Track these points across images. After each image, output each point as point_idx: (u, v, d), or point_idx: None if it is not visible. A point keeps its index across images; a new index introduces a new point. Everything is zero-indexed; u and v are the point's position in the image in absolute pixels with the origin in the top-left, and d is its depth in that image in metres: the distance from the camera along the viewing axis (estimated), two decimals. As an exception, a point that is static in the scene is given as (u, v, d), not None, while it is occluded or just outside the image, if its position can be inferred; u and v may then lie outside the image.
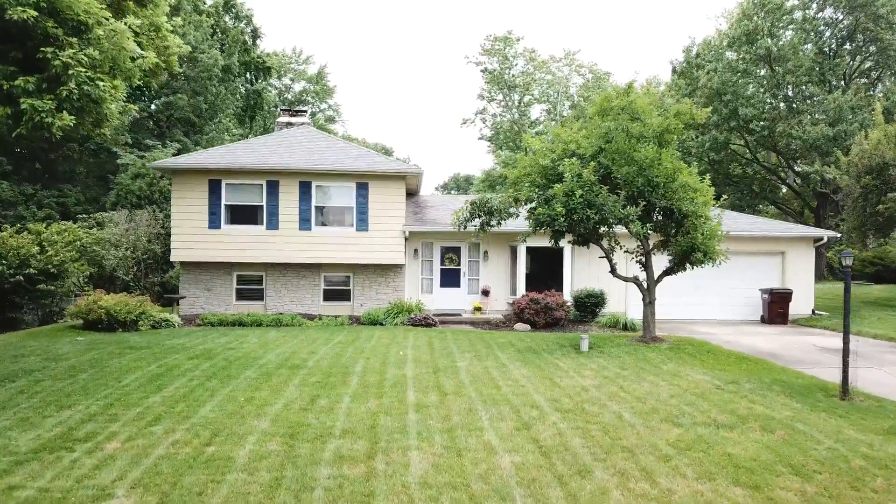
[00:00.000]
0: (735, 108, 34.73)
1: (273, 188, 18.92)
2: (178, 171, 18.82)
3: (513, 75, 54.13)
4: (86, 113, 10.03)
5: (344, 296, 19.84)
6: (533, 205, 13.39)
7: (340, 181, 19.00)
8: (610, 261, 14.62)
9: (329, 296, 19.79)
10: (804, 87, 34.38)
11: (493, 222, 13.48)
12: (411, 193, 22.53)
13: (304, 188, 18.96)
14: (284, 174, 18.86)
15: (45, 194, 31.11)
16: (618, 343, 14.11)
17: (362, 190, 19.02)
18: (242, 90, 41.23)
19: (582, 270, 20.07)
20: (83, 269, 20.29)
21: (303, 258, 18.99)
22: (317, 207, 19.08)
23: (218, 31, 38.54)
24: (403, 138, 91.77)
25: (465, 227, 13.66)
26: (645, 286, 14.44)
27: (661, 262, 15.87)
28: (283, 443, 7.14)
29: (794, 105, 35.37)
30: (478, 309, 19.47)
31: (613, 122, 13.74)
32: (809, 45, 35.41)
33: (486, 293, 19.78)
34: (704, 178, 13.60)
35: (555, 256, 20.00)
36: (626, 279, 14.62)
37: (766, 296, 19.74)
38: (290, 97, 55.54)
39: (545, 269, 20.28)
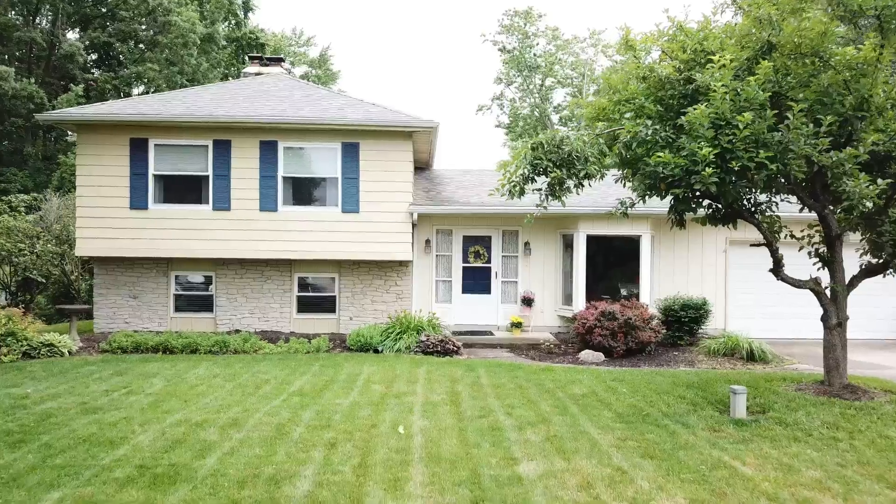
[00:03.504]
0: None
1: (223, 151, 12.78)
2: (84, 127, 12.68)
3: (534, 55, 47.87)
4: None
5: (326, 305, 13.67)
6: (637, 149, 7.10)
7: (320, 140, 12.83)
8: (774, 253, 8.34)
9: (305, 305, 13.63)
10: None
11: (571, 183, 7.24)
12: (422, 167, 16.35)
13: (268, 151, 12.81)
14: (239, 130, 12.72)
15: (-18, 179, 25.21)
16: (788, 398, 7.75)
17: (351, 153, 12.85)
18: (224, 66, 35.06)
19: (665, 269, 13.79)
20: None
21: (267, 251, 12.85)
22: (286, 179, 12.92)
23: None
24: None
25: (522, 193, 7.30)
26: (829, 295, 8.11)
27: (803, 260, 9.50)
28: None
29: None
30: (517, 325, 13.22)
31: (774, 7, 7.41)
32: None
33: (527, 302, 13.54)
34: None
35: (623, 250, 13.74)
36: (798, 284, 8.26)
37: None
38: (289, 81, 49.57)
39: (609, 268, 14.05)
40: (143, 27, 29.99)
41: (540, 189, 7.50)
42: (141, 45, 30.27)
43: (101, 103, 14.52)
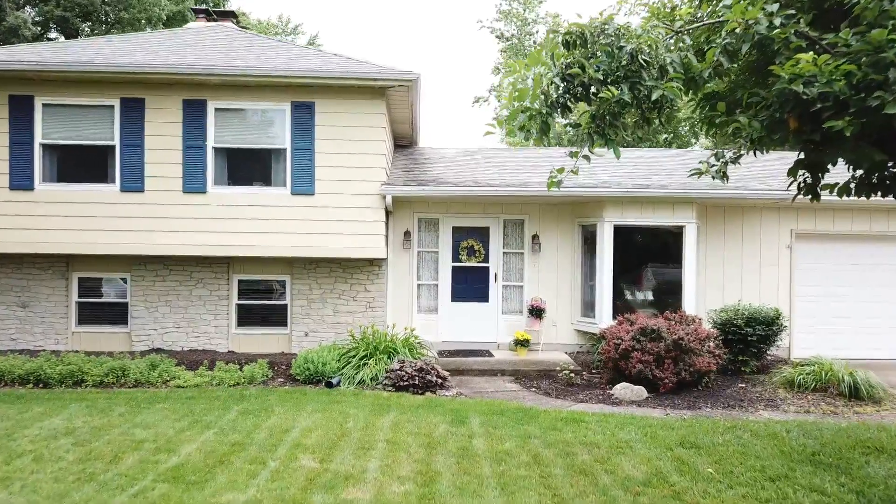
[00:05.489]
0: None
1: (134, 113, 9.47)
2: (-53, 78, 9.39)
3: (534, 42, 44.60)
4: None
5: (275, 317, 10.37)
6: (750, 51, 3.84)
7: (263, 98, 9.54)
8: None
9: (248, 317, 10.33)
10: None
11: (629, 118, 4.05)
12: (404, 144, 13.08)
13: (194, 113, 9.50)
14: (156, 85, 9.42)
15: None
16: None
17: (304, 116, 9.56)
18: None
19: (713, 269, 10.53)
20: None
21: (193, 246, 9.54)
22: (219, 150, 9.63)
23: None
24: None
25: (545, 131, 4.02)
26: None
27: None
28: None
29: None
30: (522, 343, 9.93)
31: None
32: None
33: (536, 313, 10.26)
34: None
35: (660, 244, 10.49)
36: None
37: None
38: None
39: (642, 268, 10.79)
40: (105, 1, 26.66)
41: (575, 125, 4.17)
42: (102, 21, 26.93)
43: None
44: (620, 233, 9.99)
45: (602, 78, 3.69)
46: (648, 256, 10.53)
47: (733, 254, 10.54)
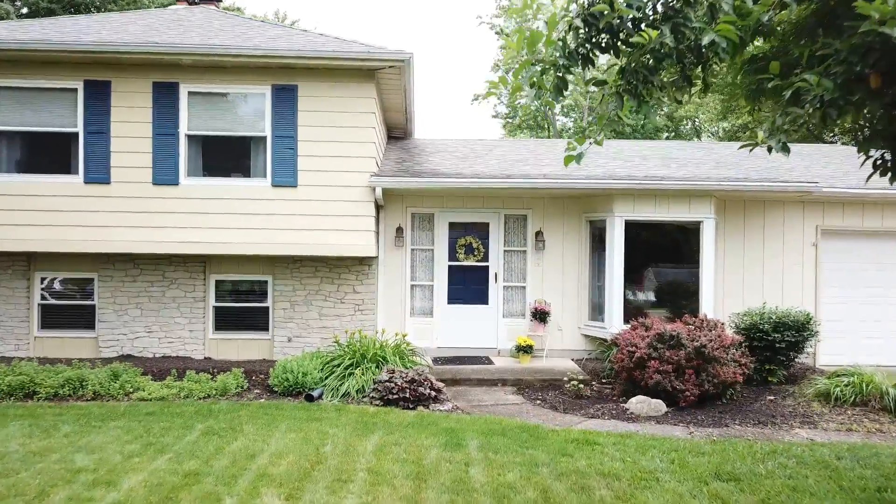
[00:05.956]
0: None
1: (99, 97, 8.59)
2: None
3: (533, 38, 43.61)
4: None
5: (256, 321, 9.49)
6: None
7: (241, 81, 8.65)
8: None
9: (226, 321, 9.45)
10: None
11: (670, 71, 3.28)
12: (398, 136, 12.20)
13: (166, 97, 8.62)
14: (123, 66, 8.53)
15: None
16: None
17: (286, 101, 8.68)
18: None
19: (733, 269, 9.65)
20: None
21: (166, 243, 8.66)
22: (192, 138, 8.76)
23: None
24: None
25: (560, 90, 3.25)
26: None
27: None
28: None
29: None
30: (525, 350, 9.05)
31: None
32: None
33: (540, 316, 9.38)
34: None
35: (675, 242, 9.62)
36: None
37: None
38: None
39: (654, 268, 9.90)
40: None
41: (599, 82, 3.27)
42: (91, 13, 26.04)
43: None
44: (632, 229, 9.12)
45: (635, 17, 2.81)
46: (662, 255, 9.66)
47: (754, 253, 9.67)
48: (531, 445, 5.42)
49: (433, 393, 6.97)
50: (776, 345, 7.75)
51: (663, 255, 9.69)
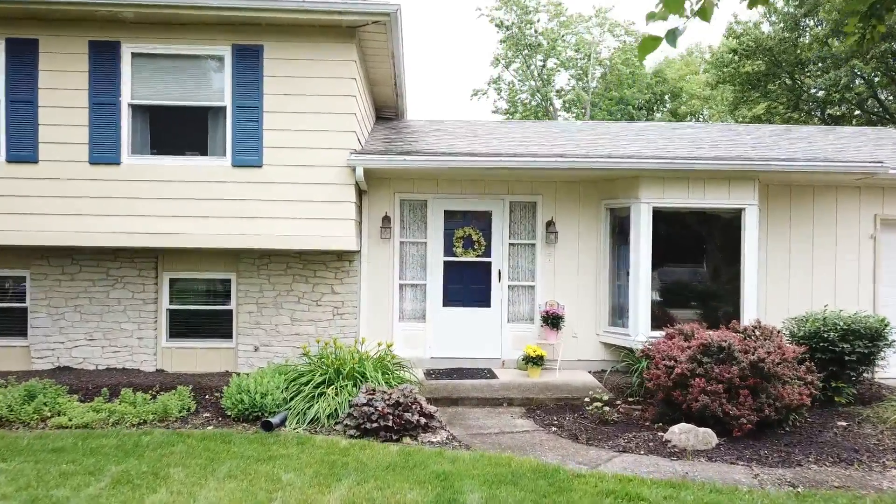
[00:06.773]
0: None
1: (24, 58, 7.12)
2: None
3: (535, 31, 42.29)
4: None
5: (216, 326, 8.01)
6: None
7: (196, 40, 7.18)
8: None
9: (183, 326, 7.97)
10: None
11: None
12: (388, 116, 10.74)
13: (104, 59, 7.15)
14: (51, 19, 7.03)
15: None
16: None
17: (249, 64, 7.22)
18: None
19: (777, 264, 8.19)
20: None
21: (107, 234, 7.17)
22: (137, 109, 7.28)
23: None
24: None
25: None
26: None
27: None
28: None
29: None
30: (534, 361, 7.58)
31: None
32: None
33: (552, 321, 7.92)
34: None
35: (709, 233, 8.16)
36: None
37: None
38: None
39: (686, 264, 8.40)
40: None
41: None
42: None
43: None
44: (661, 218, 7.65)
45: None
46: (694, 249, 8.20)
47: (802, 246, 8.21)
48: (552, 499, 3.96)
49: (422, 420, 5.51)
50: (845, 357, 6.29)
51: (696, 250, 8.23)
